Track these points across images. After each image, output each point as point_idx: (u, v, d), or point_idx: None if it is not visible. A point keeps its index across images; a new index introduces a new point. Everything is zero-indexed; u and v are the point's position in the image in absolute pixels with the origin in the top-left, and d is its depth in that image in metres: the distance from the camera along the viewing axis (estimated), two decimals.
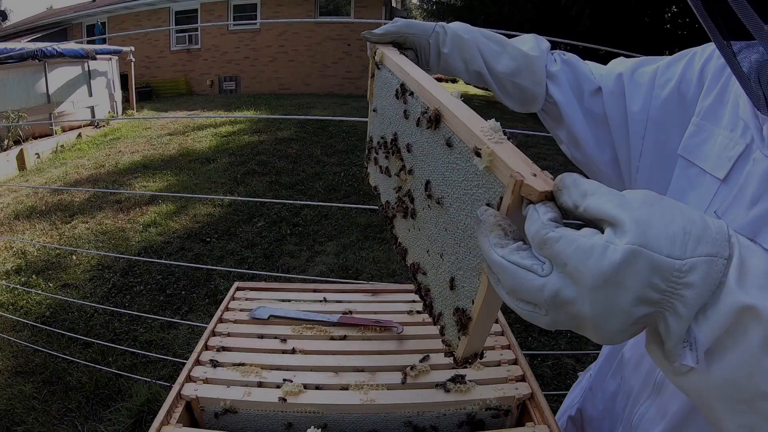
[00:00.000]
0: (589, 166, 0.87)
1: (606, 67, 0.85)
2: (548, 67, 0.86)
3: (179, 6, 13.86)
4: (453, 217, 0.59)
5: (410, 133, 0.73)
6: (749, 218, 0.54)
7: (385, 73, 0.82)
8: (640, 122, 0.77)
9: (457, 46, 0.84)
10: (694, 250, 0.33)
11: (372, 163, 0.94)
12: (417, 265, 0.75)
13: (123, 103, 10.11)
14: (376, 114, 0.88)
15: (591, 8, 9.66)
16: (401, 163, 0.77)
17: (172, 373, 2.57)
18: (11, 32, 16.32)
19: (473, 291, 0.54)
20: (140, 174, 6.08)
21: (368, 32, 0.85)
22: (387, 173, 0.84)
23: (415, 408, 0.81)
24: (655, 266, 0.32)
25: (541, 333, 2.96)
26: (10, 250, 4.05)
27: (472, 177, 0.53)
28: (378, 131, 0.88)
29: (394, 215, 0.83)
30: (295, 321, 1.04)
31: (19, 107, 7.09)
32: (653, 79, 0.76)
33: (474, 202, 0.53)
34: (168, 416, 0.77)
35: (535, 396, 0.83)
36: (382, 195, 0.89)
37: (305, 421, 0.80)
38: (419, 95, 0.69)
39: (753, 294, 0.32)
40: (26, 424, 2.23)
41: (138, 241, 4.25)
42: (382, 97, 0.84)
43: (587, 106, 0.84)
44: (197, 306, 3.29)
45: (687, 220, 0.34)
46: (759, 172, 0.55)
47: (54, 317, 3.11)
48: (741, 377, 0.33)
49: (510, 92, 0.87)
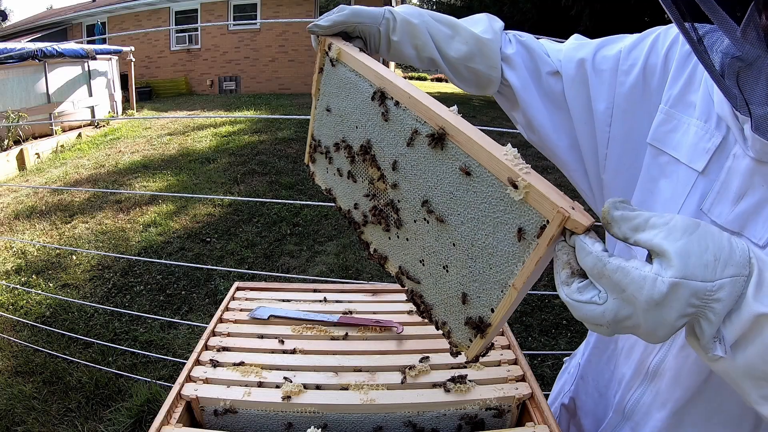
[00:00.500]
0: (544, 150, 0.85)
1: (564, 49, 0.82)
2: (503, 49, 0.82)
3: (179, 6, 13.86)
4: (466, 235, 0.62)
5: (393, 144, 0.70)
6: (735, 214, 0.57)
7: (346, 73, 0.77)
8: (605, 111, 0.75)
9: (407, 33, 0.80)
10: (722, 273, 0.42)
11: (322, 163, 0.89)
12: (406, 273, 0.75)
13: (123, 103, 10.12)
14: (329, 114, 0.82)
15: (591, 8, 9.67)
16: (378, 172, 0.74)
17: (172, 373, 2.57)
18: (11, 32, 16.32)
19: (493, 301, 0.61)
20: (140, 174, 6.08)
21: (314, 24, 0.79)
22: (351, 178, 0.80)
23: (415, 408, 0.81)
24: (693, 291, 0.42)
25: (541, 333, 2.96)
26: (10, 250, 4.05)
27: (497, 203, 0.58)
28: (333, 133, 0.83)
29: (366, 223, 0.80)
30: (295, 321, 1.04)
31: (19, 107, 7.09)
32: (616, 65, 0.74)
33: (498, 225, 0.58)
34: (168, 416, 0.77)
35: (535, 396, 0.83)
36: (341, 199, 0.86)
37: (305, 421, 0.80)
38: (410, 108, 0.66)
39: (767, 303, 0.41)
40: (26, 424, 2.23)
41: (138, 241, 4.25)
42: (341, 98, 0.79)
43: (545, 89, 0.82)
44: (197, 306, 3.29)
45: (718, 247, 0.43)
46: (741, 169, 0.57)
47: (54, 317, 3.11)
48: (759, 362, 0.42)
49: (464, 77, 0.84)
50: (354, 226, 0.84)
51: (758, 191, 0.56)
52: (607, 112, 0.75)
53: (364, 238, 0.83)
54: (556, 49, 0.84)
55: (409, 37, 0.80)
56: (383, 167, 0.73)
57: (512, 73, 0.82)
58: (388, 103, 0.69)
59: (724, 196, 0.59)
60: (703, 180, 0.62)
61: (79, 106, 8.69)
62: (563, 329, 2.99)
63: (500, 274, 0.59)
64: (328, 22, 0.77)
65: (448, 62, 0.83)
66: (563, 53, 0.81)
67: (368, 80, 0.73)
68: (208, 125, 8.67)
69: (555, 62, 0.81)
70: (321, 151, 0.87)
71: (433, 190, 0.65)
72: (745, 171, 0.57)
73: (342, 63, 0.77)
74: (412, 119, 0.66)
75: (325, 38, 0.79)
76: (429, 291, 0.72)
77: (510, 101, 0.87)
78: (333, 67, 0.79)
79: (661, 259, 0.43)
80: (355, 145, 0.78)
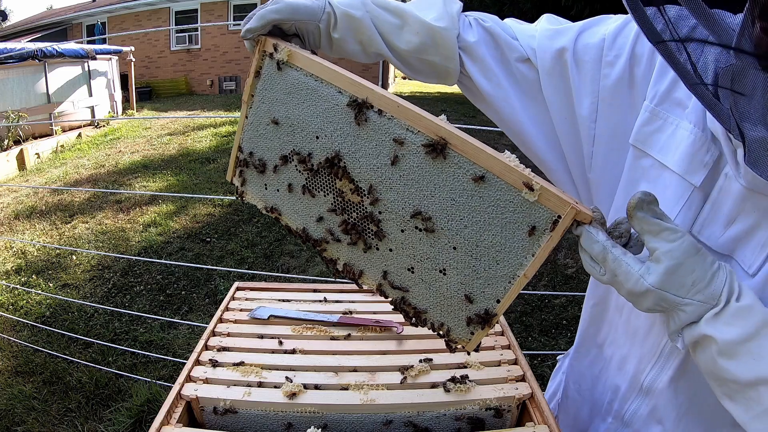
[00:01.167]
0: (522, 147, 0.78)
1: (538, 36, 0.72)
2: (463, 35, 0.73)
3: (179, 6, 13.86)
4: (470, 238, 0.64)
5: (373, 155, 0.67)
6: (725, 237, 0.57)
7: (300, 77, 0.70)
8: (590, 106, 0.69)
9: (349, 29, 0.72)
10: (693, 296, 0.52)
11: (257, 180, 0.80)
12: (391, 283, 0.73)
13: (123, 103, 10.12)
14: (275, 124, 0.74)
15: (591, 8, 9.66)
16: (350, 185, 0.70)
17: (172, 373, 2.57)
18: (11, 32, 16.33)
19: (500, 293, 0.66)
20: (140, 174, 6.08)
21: (246, 30, 0.70)
22: (308, 193, 0.74)
23: (415, 408, 0.81)
24: (664, 299, 0.53)
25: (541, 333, 2.96)
26: (10, 250, 4.05)
27: (506, 205, 0.61)
28: (279, 144, 0.75)
29: (331, 240, 0.75)
30: (295, 321, 1.04)
31: (19, 107, 7.09)
32: (600, 55, 0.67)
33: (506, 224, 0.62)
34: (168, 416, 0.77)
35: (535, 396, 0.83)
36: (291, 217, 0.79)
37: (305, 421, 0.80)
38: (398, 117, 0.64)
39: (718, 327, 0.50)
40: (26, 424, 2.23)
41: (138, 241, 4.25)
42: (292, 106, 0.72)
43: (516, 78, 0.74)
44: (197, 306, 3.29)
45: (700, 276, 0.51)
46: (733, 192, 0.55)
47: (54, 317, 3.11)
48: (710, 368, 0.53)
49: (418, 69, 0.77)
50: (313, 244, 0.78)
51: (749, 217, 0.54)
52: (591, 107, 0.69)
53: (327, 255, 0.78)
54: (526, 33, 0.74)
55: (352, 32, 0.72)
56: (358, 179, 0.69)
57: (474, 66, 0.74)
58: (367, 112, 0.65)
59: (715, 218, 0.57)
60: (699, 195, 0.59)
61: (79, 106, 8.69)
62: (563, 329, 2.99)
63: (508, 267, 0.64)
64: (260, 21, 0.68)
65: (399, 55, 0.75)
66: (537, 40, 0.72)
67: (335, 86, 0.68)
68: (208, 125, 8.67)
69: (526, 48, 0.73)
70: (256, 166, 0.79)
71: (428, 199, 0.65)
72: (736, 194, 0.55)
73: (293, 66, 0.70)
74: (401, 129, 0.64)
75: (265, 38, 0.71)
76: (421, 296, 0.72)
77: (474, 93, 0.79)
78: (279, 71, 0.71)
79: (652, 264, 0.52)
80: (317, 157, 0.71)
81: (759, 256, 0.54)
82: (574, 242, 0.92)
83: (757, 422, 0.50)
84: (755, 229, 0.54)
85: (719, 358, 0.51)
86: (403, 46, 0.73)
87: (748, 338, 0.49)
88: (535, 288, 3.35)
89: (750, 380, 0.49)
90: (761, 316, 0.49)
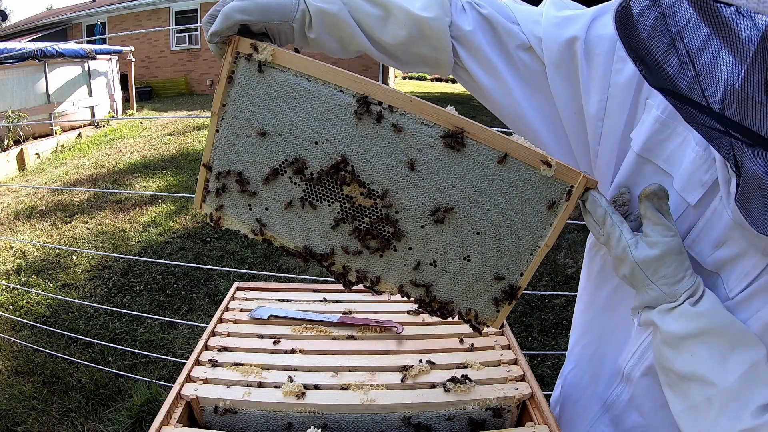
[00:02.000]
0: (517, 131, 0.73)
1: (544, 23, 0.67)
2: (457, 23, 0.67)
3: (179, 6, 13.86)
4: (493, 220, 0.66)
5: (387, 153, 0.64)
6: (713, 258, 0.58)
7: (289, 78, 0.64)
8: (598, 103, 0.66)
9: (326, 26, 0.65)
10: (660, 286, 0.58)
11: (238, 201, 0.72)
12: (413, 282, 0.73)
13: (123, 103, 10.11)
14: (263, 137, 0.67)
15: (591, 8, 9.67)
16: (361, 189, 0.67)
17: (172, 373, 2.57)
18: (11, 32, 16.33)
19: (523, 266, 0.70)
20: (140, 174, 6.08)
21: (211, 34, 0.62)
22: (309, 206, 0.69)
23: (414, 408, 0.81)
24: (637, 275, 0.59)
25: (541, 333, 2.96)
26: (10, 250, 4.05)
27: (524, 183, 0.65)
28: (267, 156, 0.68)
29: (339, 252, 0.71)
30: (295, 321, 1.04)
31: (19, 107, 7.09)
32: (612, 48, 0.63)
33: (526, 202, 0.65)
34: (168, 416, 0.77)
35: (535, 396, 0.83)
36: (288, 236, 0.72)
37: (305, 421, 0.80)
38: (412, 111, 0.63)
39: (665, 320, 0.57)
40: (26, 424, 2.23)
41: (138, 241, 4.25)
42: (281, 111, 0.66)
43: (518, 68, 0.69)
44: (197, 306, 3.29)
45: (673, 274, 0.56)
46: (725, 217, 0.55)
47: (54, 317, 3.11)
48: (657, 354, 0.59)
49: (406, 61, 0.71)
50: (320, 260, 0.72)
51: (736, 246, 0.55)
52: (599, 105, 0.66)
53: (337, 268, 0.73)
54: (529, 18, 0.68)
55: (329, 30, 0.65)
56: (370, 181, 0.66)
57: (470, 57, 0.69)
58: (374, 109, 0.63)
59: (706, 236, 0.58)
60: (693, 212, 0.59)
61: (79, 106, 8.69)
62: (563, 329, 2.99)
63: (529, 241, 0.68)
64: (226, 22, 0.60)
65: (384, 49, 0.69)
66: (542, 28, 0.67)
67: (335, 85, 0.63)
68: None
69: (528, 35, 0.68)
70: (237, 185, 0.71)
71: (449, 190, 0.66)
72: (727, 219, 0.55)
73: (279, 67, 0.64)
74: (415, 123, 0.64)
75: (239, 38, 0.63)
76: (445, 288, 0.72)
77: (470, 84, 0.73)
78: (260, 73, 0.65)
79: (641, 242, 0.58)
80: (316, 165, 0.66)
81: (740, 283, 0.55)
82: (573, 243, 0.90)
83: (684, 415, 0.55)
84: (741, 257, 0.55)
85: (663, 347, 0.58)
86: (388, 40, 0.67)
87: (688, 337, 0.55)
88: (535, 288, 3.35)
89: (686, 374, 0.55)
90: (709, 325, 0.54)
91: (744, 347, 0.52)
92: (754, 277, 0.53)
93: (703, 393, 0.53)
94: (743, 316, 0.54)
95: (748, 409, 0.50)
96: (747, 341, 0.52)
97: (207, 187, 0.73)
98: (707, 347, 0.53)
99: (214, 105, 0.68)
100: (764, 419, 0.49)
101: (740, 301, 0.55)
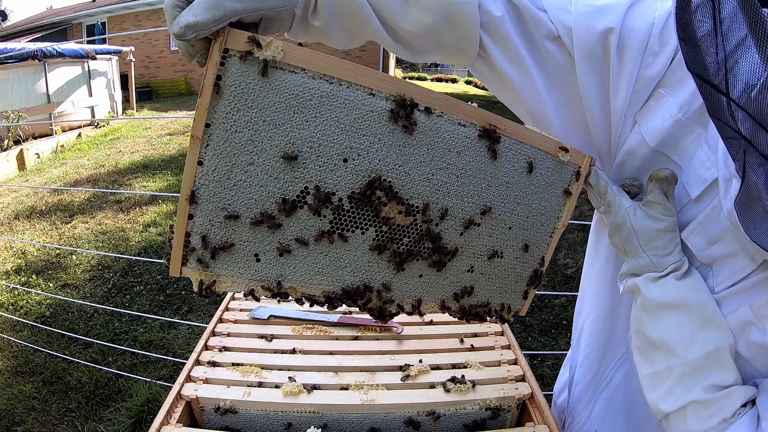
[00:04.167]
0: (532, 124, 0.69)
1: (574, 10, 0.61)
2: (486, 6, 0.59)
3: None
4: (521, 213, 0.69)
5: (426, 162, 0.57)
6: (707, 253, 0.60)
7: (305, 81, 0.52)
8: (623, 98, 0.63)
9: (336, 13, 0.56)
10: (651, 256, 0.62)
11: (242, 252, 0.57)
12: (455, 296, 0.69)
13: (123, 103, 10.10)
14: (277, 163, 0.53)
15: None
16: (400, 207, 0.58)
17: (172, 373, 2.57)
18: (11, 32, 16.33)
19: (543, 250, 0.73)
20: (140, 174, 6.08)
21: (185, 25, 0.49)
22: (339, 239, 0.57)
23: (415, 408, 0.81)
24: (630, 241, 0.63)
25: (541, 333, 2.96)
26: (10, 250, 4.05)
27: (545, 171, 0.67)
28: (279, 188, 0.54)
29: (374, 290, 0.64)
30: (295, 321, 1.04)
31: (19, 107, 7.08)
32: (645, 43, 0.59)
33: (546, 188, 0.68)
34: (168, 416, 0.77)
35: (535, 396, 0.83)
36: (314, 282, 0.61)
37: (305, 421, 0.80)
38: (449, 112, 0.58)
39: (648, 286, 0.62)
40: (26, 424, 2.23)
41: (138, 241, 4.25)
42: (296, 125, 0.52)
43: (543, 60, 0.63)
44: (197, 306, 3.29)
45: (663, 246, 0.61)
46: (721, 216, 0.56)
47: (54, 317, 3.11)
48: (634, 316, 0.64)
49: (423, 50, 0.63)
50: (354, 301, 0.62)
51: (729, 245, 0.57)
52: (624, 100, 0.62)
53: (374, 304, 0.64)
54: (556, 5, 0.62)
55: (339, 17, 0.56)
56: (408, 196, 0.58)
57: (497, 46, 0.61)
58: (414, 114, 0.55)
59: (703, 231, 0.60)
60: (694, 206, 0.61)
61: (79, 106, 8.68)
62: (563, 329, 2.99)
63: (549, 225, 0.71)
64: (213, 11, 0.47)
65: (400, 38, 0.60)
66: (573, 17, 0.61)
67: (365, 87, 0.53)
68: None
69: (557, 24, 0.61)
70: (241, 232, 0.55)
71: (486, 190, 0.65)
72: (723, 219, 0.56)
73: (289, 68, 0.51)
74: (453, 124, 0.59)
75: (229, 30, 0.49)
76: (482, 291, 0.72)
77: (488, 77, 0.67)
78: (263, 77, 0.50)
79: (639, 210, 0.62)
80: (346, 187, 0.55)
81: (728, 280, 0.58)
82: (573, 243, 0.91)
83: (648, 380, 0.60)
84: (732, 257, 0.57)
85: (641, 311, 0.62)
86: (409, 27, 0.58)
87: (665, 306, 0.59)
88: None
89: (655, 340, 0.60)
90: (687, 299, 0.58)
91: (713, 329, 0.56)
92: (741, 277, 0.56)
93: (666, 361, 0.58)
94: (724, 310, 0.57)
95: (701, 384, 0.55)
96: (717, 325, 0.56)
97: (188, 244, 0.55)
98: (679, 320, 0.58)
99: (195, 127, 0.50)
100: (714, 395, 0.55)
101: (725, 296, 0.58)
